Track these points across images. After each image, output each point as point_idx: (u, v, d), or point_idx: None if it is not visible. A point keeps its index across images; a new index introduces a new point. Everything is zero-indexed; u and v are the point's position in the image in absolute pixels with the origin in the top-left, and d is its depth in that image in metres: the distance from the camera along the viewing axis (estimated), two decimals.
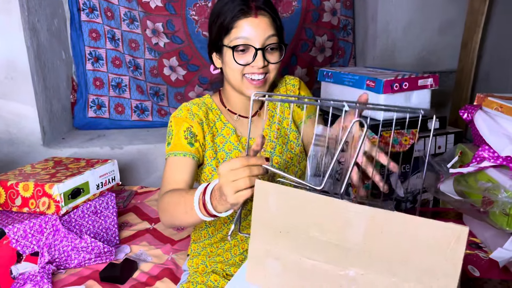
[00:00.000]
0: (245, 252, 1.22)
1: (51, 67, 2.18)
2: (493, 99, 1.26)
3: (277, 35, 1.07)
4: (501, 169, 1.15)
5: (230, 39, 1.05)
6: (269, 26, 1.05)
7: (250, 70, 1.06)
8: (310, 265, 0.75)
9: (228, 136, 1.16)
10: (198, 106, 1.15)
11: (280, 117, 1.23)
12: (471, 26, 2.02)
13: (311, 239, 0.74)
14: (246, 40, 1.04)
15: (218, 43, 1.09)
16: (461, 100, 2.07)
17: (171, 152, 1.11)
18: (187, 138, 1.10)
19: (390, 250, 0.69)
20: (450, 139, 1.60)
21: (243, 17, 1.03)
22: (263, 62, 1.05)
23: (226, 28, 1.05)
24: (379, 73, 1.64)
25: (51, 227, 1.43)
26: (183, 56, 2.44)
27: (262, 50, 1.05)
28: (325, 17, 2.46)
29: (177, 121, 1.13)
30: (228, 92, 1.17)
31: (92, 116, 2.45)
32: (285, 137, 1.22)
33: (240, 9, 1.03)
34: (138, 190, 2.10)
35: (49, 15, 2.18)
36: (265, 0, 1.07)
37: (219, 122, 1.17)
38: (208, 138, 1.14)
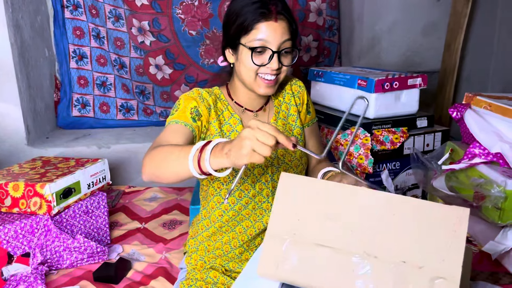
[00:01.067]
0: (245, 244, 1.23)
1: (34, 65, 2.13)
2: (482, 98, 1.31)
3: (291, 39, 1.12)
4: (491, 165, 1.19)
5: (248, 39, 1.09)
6: (286, 30, 1.10)
7: (264, 70, 1.11)
8: (325, 253, 0.78)
9: (234, 125, 1.20)
10: (209, 94, 1.18)
11: (285, 113, 1.27)
12: (454, 27, 2.08)
13: (328, 225, 0.78)
14: (264, 42, 1.08)
15: (235, 41, 1.12)
16: (445, 99, 2.13)
17: (173, 120, 1.10)
18: (192, 113, 1.12)
19: (401, 232, 0.74)
20: (438, 137, 1.64)
21: (263, 20, 1.07)
22: (277, 64, 1.09)
23: (246, 29, 1.09)
24: (368, 73, 1.67)
25: (42, 227, 1.40)
26: (169, 54, 2.42)
27: (278, 53, 1.09)
28: (311, 17, 2.49)
29: (186, 98, 1.15)
30: (236, 86, 1.21)
31: (76, 115, 2.41)
32: (289, 132, 1.27)
33: (262, 12, 1.07)
34: (126, 190, 2.09)
35: (32, 12, 2.13)
36: (283, 5, 1.12)
37: (227, 111, 1.20)
38: (215, 124, 1.17)
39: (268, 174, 1.21)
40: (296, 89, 1.30)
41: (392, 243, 0.75)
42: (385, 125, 1.55)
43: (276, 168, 1.22)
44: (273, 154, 1.21)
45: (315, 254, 0.80)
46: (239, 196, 1.19)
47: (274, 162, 1.22)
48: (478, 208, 1.14)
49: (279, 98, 1.28)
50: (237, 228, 1.22)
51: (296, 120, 1.28)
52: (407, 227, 0.74)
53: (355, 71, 1.72)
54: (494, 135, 1.22)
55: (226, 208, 1.21)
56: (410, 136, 1.58)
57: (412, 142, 1.59)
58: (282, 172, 0.78)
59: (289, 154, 1.24)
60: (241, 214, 1.21)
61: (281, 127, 1.24)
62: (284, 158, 1.23)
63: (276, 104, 1.27)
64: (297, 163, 1.25)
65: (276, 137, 0.79)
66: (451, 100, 2.10)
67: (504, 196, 1.08)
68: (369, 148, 1.48)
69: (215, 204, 1.23)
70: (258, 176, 1.20)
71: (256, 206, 1.21)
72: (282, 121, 1.26)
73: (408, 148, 1.58)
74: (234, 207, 1.20)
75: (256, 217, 1.21)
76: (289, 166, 1.24)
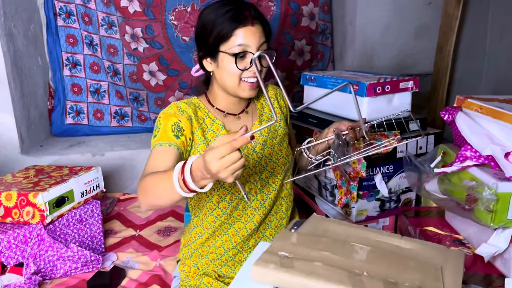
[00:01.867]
0: (238, 246, 1.24)
1: (28, 73, 2.13)
2: (473, 100, 1.32)
3: (267, 41, 1.17)
4: (483, 168, 1.19)
5: (228, 46, 1.13)
6: (262, 33, 1.15)
7: (247, 74, 1.15)
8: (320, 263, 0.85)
9: (218, 131, 1.22)
10: (187, 105, 1.21)
11: (269, 114, 1.31)
12: (446, 30, 2.09)
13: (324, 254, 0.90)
14: (244, 47, 1.12)
15: (214, 49, 1.15)
16: (437, 102, 2.14)
17: (157, 142, 1.13)
18: (173, 131, 1.14)
19: (387, 269, 0.85)
20: (431, 140, 1.65)
21: (241, 26, 1.11)
22: (259, 66, 1.14)
23: (225, 36, 1.12)
24: (360, 77, 1.67)
25: (35, 236, 1.40)
26: (163, 61, 2.42)
27: (258, 56, 1.12)
28: (304, 21, 2.50)
29: (165, 116, 1.17)
30: (216, 93, 1.24)
31: (70, 122, 2.41)
32: (274, 132, 1.30)
33: (239, 18, 1.11)
34: (121, 197, 2.08)
35: (26, 20, 2.13)
36: (256, 10, 1.17)
37: (208, 119, 1.22)
38: (198, 133, 1.19)
39: (256, 174, 1.24)
40: (278, 93, 1.39)
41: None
42: (377, 128, 1.55)
43: (264, 167, 1.26)
44: (260, 153, 1.24)
45: (310, 262, 0.85)
46: (230, 199, 1.21)
47: (261, 162, 1.25)
48: (470, 211, 1.14)
49: (261, 101, 1.33)
50: (230, 230, 1.24)
51: (279, 121, 1.33)
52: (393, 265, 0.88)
53: (348, 75, 1.73)
54: (485, 138, 1.22)
55: (218, 214, 1.22)
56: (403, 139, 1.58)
57: (405, 146, 1.59)
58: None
59: (276, 153, 1.28)
60: (232, 216, 1.22)
61: (266, 128, 1.28)
62: (271, 156, 1.27)
63: (259, 107, 1.32)
64: (284, 161, 1.29)
65: (232, 145, 0.81)
66: (444, 103, 2.11)
67: (496, 198, 1.08)
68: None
69: (208, 210, 1.23)
70: (247, 176, 1.23)
71: (246, 206, 1.24)
72: (265, 122, 1.30)
73: (401, 151, 1.58)
74: (226, 211, 1.22)
75: (247, 218, 1.23)
76: (277, 165, 1.28)
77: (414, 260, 0.92)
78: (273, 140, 1.29)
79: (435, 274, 0.87)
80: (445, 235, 1.40)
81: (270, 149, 1.27)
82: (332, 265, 0.86)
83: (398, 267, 0.88)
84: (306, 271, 0.82)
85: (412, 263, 0.91)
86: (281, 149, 1.30)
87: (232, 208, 1.22)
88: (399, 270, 0.87)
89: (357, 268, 0.86)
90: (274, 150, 1.28)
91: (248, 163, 1.22)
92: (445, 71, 2.09)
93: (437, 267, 0.90)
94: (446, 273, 0.89)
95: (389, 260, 0.91)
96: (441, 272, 0.88)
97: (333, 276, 0.82)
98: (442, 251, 0.97)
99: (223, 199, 1.21)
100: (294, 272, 0.82)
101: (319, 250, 0.91)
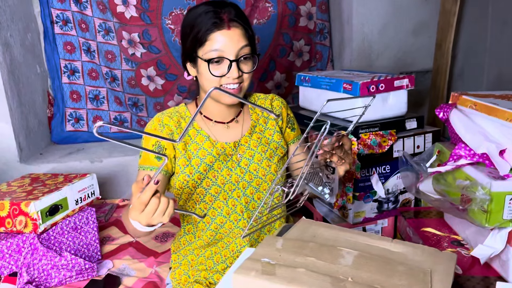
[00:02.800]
0: (227, 261, 1.20)
1: (26, 82, 2.14)
2: (467, 97, 1.28)
3: (249, 44, 1.11)
4: (477, 166, 1.16)
5: (204, 51, 1.08)
6: (241, 37, 1.09)
7: (226, 80, 1.10)
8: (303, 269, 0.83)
9: (201, 142, 1.18)
10: (170, 116, 1.18)
11: (262, 126, 1.25)
12: (444, 26, 2.05)
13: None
14: (220, 52, 1.07)
15: (192, 54, 1.11)
16: (438, 99, 2.10)
17: (141, 165, 1.15)
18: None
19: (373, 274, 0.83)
20: (428, 138, 1.61)
21: (216, 30, 1.06)
22: (237, 72, 1.09)
23: (200, 41, 1.08)
24: (355, 76, 1.65)
25: (29, 246, 1.40)
26: (161, 65, 2.42)
27: (236, 61, 1.08)
28: (302, 21, 2.47)
29: (145, 137, 1.17)
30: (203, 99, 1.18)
31: (70, 130, 2.41)
32: (265, 145, 1.23)
33: (213, 22, 1.06)
34: (120, 203, 2.08)
35: (22, 29, 2.14)
36: (236, 12, 1.10)
37: (192, 129, 1.19)
38: (179, 146, 1.15)
39: (240, 189, 1.18)
40: (277, 105, 1.29)
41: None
42: (372, 128, 1.52)
43: (248, 183, 1.19)
44: (244, 168, 1.19)
45: (293, 268, 0.83)
46: (212, 215, 1.17)
47: (245, 177, 1.19)
48: (465, 211, 1.11)
49: (257, 112, 1.27)
50: (219, 243, 1.21)
51: (273, 134, 1.25)
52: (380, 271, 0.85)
53: (342, 75, 1.70)
54: (480, 135, 1.18)
55: (203, 228, 1.19)
56: (399, 138, 1.55)
57: (401, 145, 1.56)
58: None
59: (263, 168, 1.20)
60: (219, 233, 1.19)
61: (255, 140, 1.22)
62: (257, 172, 1.20)
63: (254, 118, 1.26)
64: (272, 177, 1.21)
65: (142, 199, 0.82)
66: (444, 100, 2.07)
67: (489, 198, 1.04)
68: (356, 153, 1.45)
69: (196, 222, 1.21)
70: (229, 192, 1.17)
71: (233, 226, 1.18)
72: (257, 135, 1.24)
73: (397, 151, 1.55)
74: (210, 227, 1.18)
75: (235, 235, 1.19)
76: (263, 181, 1.21)
77: (403, 264, 0.89)
78: (261, 155, 1.21)
79: (424, 278, 0.84)
80: (443, 236, 1.36)
81: (257, 164, 1.20)
82: (316, 271, 0.83)
83: (385, 272, 0.85)
84: (287, 278, 0.80)
85: (400, 267, 0.88)
86: (269, 164, 1.21)
87: (216, 225, 1.18)
88: (386, 275, 0.84)
89: (342, 274, 0.83)
90: (261, 166, 1.20)
91: (230, 177, 1.17)
92: (444, 68, 2.05)
93: (426, 271, 0.87)
94: (436, 277, 0.86)
95: (376, 264, 0.88)
96: (430, 277, 0.86)
97: (316, 282, 0.79)
98: (433, 254, 0.94)
99: (206, 214, 1.18)
100: (275, 280, 0.80)
101: (304, 256, 0.89)
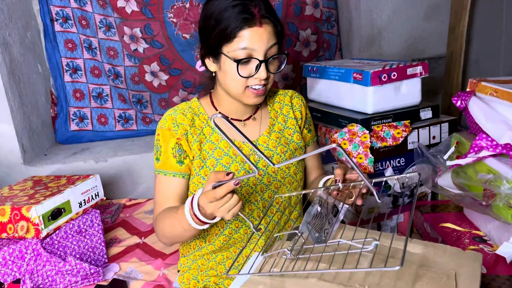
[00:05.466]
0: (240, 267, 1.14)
1: (27, 82, 2.09)
2: (487, 83, 1.20)
3: (278, 42, 1.03)
4: (501, 158, 1.08)
5: (231, 48, 0.99)
6: (272, 35, 1.00)
7: (252, 81, 1.02)
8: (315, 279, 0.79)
9: (217, 142, 1.11)
10: (183, 114, 1.10)
11: (281, 125, 1.19)
12: (458, 9, 1.96)
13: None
14: (249, 51, 0.99)
15: (216, 49, 1.02)
16: (453, 86, 2.01)
17: (161, 170, 1.09)
18: (176, 156, 1.07)
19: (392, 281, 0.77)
20: (445, 128, 1.53)
21: (247, 27, 0.97)
22: (266, 73, 1.01)
23: (228, 37, 0.99)
24: (365, 65, 1.57)
25: (32, 252, 1.35)
26: (164, 60, 2.36)
27: (265, 62, 1.00)
28: (307, 10, 2.39)
29: (163, 134, 1.09)
30: (220, 95, 1.12)
31: (74, 129, 2.37)
32: (285, 146, 1.17)
33: (244, 17, 0.97)
34: (127, 203, 2.03)
35: (21, 28, 2.09)
36: (266, 6, 1.01)
37: (207, 127, 1.11)
38: (194, 147, 1.09)
39: (258, 192, 1.11)
40: (297, 103, 1.22)
41: None
42: (385, 119, 1.45)
43: (266, 186, 1.12)
44: (262, 170, 1.13)
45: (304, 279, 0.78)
46: (227, 220, 1.11)
47: (263, 180, 1.12)
48: (488, 207, 1.04)
49: (276, 109, 1.19)
50: (232, 248, 1.15)
51: (292, 134, 1.18)
52: None
53: (352, 64, 1.62)
54: (502, 124, 1.10)
55: (216, 233, 1.13)
56: (414, 129, 1.47)
57: (416, 136, 1.49)
58: None
59: (282, 170, 1.14)
60: (233, 238, 1.13)
61: (274, 140, 1.15)
62: (276, 175, 1.13)
63: (272, 116, 1.18)
64: (291, 180, 1.15)
65: (216, 193, 0.84)
66: (459, 87, 1.98)
67: None
68: (368, 146, 1.38)
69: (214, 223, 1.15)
70: (246, 195, 1.11)
71: (248, 231, 1.12)
72: (276, 134, 1.16)
73: (412, 143, 1.47)
74: (224, 232, 1.12)
75: (250, 240, 1.13)
76: (282, 183, 1.14)
77: (424, 267, 0.83)
78: (281, 156, 1.15)
79: (448, 283, 0.78)
80: (464, 232, 1.29)
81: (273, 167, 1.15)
82: (328, 280, 0.77)
83: (405, 278, 0.79)
84: None
85: (421, 271, 0.81)
86: (289, 166, 1.15)
87: (231, 229, 1.12)
88: (405, 281, 0.78)
89: (357, 282, 0.77)
90: (281, 168, 1.14)
91: (248, 179, 1.11)
92: (459, 53, 1.96)
93: (450, 274, 0.80)
94: (461, 280, 0.79)
95: None
96: (455, 280, 0.79)
97: None
98: (456, 254, 0.87)
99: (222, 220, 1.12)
100: None
101: (315, 262, 0.83)
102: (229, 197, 0.84)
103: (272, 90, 1.22)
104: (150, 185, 2.06)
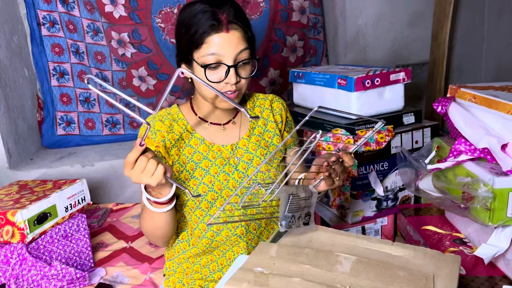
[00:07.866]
0: (224, 269, 1.16)
1: (13, 86, 2.08)
2: (466, 90, 1.23)
3: (249, 47, 1.04)
4: (479, 162, 1.11)
5: (200, 54, 1.01)
6: (241, 40, 1.01)
7: (223, 86, 1.03)
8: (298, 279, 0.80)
9: (196, 146, 1.12)
10: (161, 121, 1.12)
11: (261, 128, 1.20)
12: (440, 17, 2.00)
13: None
14: (218, 57, 1.00)
15: (187, 56, 1.04)
16: (436, 92, 2.05)
17: None
18: None
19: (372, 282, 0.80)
20: (427, 133, 1.57)
21: (213, 33, 0.99)
22: (236, 78, 1.02)
23: (197, 43, 1.01)
24: (350, 71, 1.60)
25: (17, 256, 1.35)
26: (152, 65, 2.37)
27: (235, 67, 1.01)
28: (294, 16, 2.42)
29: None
30: (199, 100, 1.14)
31: (61, 133, 2.36)
32: (264, 148, 1.18)
33: (211, 24, 0.99)
34: (114, 207, 2.03)
35: (8, 32, 2.09)
36: (236, 12, 1.02)
37: (186, 132, 1.13)
38: (172, 152, 1.10)
39: (238, 195, 1.12)
40: (277, 106, 1.23)
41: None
42: (369, 124, 1.48)
43: (246, 188, 1.12)
44: (242, 173, 1.14)
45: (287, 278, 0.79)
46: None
47: (243, 182, 1.13)
48: (467, 209, 1.06)
49: (256, 113, 1.21)
50: (215, 251, 1.16)
51: (272, 137, 1.20)
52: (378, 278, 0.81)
53: (337, 70, 1.65)
54: (480, 129, 1.14)
55: (199, 235, 1.14)
56: (397, 134, 1.50)
57: (399, 141, 1.52)
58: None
59: (262, 173, 1.15)
60: (215, 241, 1.14)
61: (254, 143, 1.17)
62: (255, 177, 1.14)
63: (253, 120, 1.20)
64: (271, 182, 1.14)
65: (128, 160, 0.86)
66: (442, 93, 2.02)
67: (492, 195, 1.00)
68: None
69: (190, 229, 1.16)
70: (227, 198, 1.12)
71: (230, 233, 1.13)
72: (256, 137, 1.18)
73: (395, 147, 1.50)
74: (206, 234, 1.13)
75: (232, 242, 1.14)
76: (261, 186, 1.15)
77: (404, 269, 0.85)
78: (260, 158, 1.16)
79: (426, 284, 0.80)
80: (445, 234, 1.32)
81: (255, 168, 1.15)
82: (311, 280, 0.79)
83: (385, 279, 0.81)
84: None
85: (401, 272, 0.83)
86: (269, 168, 1.16)
87: (212, 232, 1.13)
88: (385, 283, 0.80)
89: (339, 282, 0.79)
90: (260, 170, 1.15)
91: (227, 182, 1.12)
92: (441, 59, 2.00)
93: (428, 276, 0.82)
94: (438, 282, 0.82)
95: (376, 270, 0.84)
96: (433, 282, 0.81)
97: None
98: (435, 257, 0.90)
99: (201, 220, 1.13)
100: None
101: (299, 263, 0.85)
102: (144, 161, 0.85)
103: (253, 94, 1.25)
104: (137, 189, 2.05)
